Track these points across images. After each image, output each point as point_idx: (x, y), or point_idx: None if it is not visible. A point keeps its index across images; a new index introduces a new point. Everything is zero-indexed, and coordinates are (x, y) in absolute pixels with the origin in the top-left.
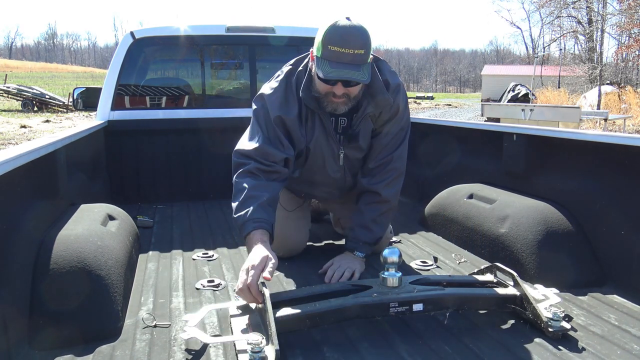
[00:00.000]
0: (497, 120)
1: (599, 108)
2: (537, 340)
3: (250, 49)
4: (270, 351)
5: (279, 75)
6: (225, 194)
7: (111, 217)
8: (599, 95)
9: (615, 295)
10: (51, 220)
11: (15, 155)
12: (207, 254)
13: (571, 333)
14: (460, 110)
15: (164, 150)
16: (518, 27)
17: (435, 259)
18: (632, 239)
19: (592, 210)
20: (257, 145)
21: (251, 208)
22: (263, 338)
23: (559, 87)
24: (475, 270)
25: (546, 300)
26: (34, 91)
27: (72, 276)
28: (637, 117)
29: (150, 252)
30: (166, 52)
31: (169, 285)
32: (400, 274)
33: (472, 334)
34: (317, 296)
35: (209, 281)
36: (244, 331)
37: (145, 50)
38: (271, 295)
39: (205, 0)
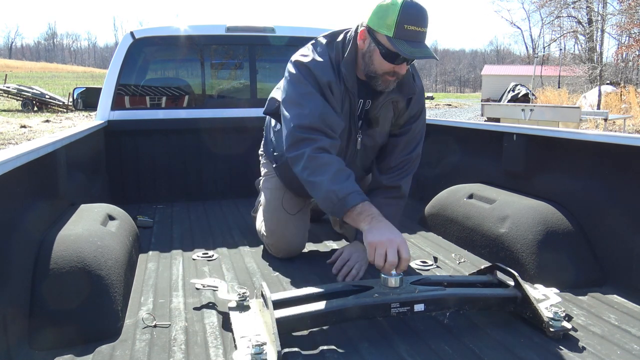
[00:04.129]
0: (497, 120)
1: (599, 108)
2: (537, 340)
3: (250, 49)
4: (271, 352)
5: (316, 45)
6: (225, 194)
7: (111, 217)
8: (599, 95)
9: (615, 295)
10: (51, 220)
11: (15, 155)
12: (207, 254)
13: (571, 333)
14: (460, 110)
15: (164, 150)
16: (518, 27)
17: (435, 259)
18: (632, 239)
19: (592, 210)
20: (319, 114)
21: (349, 181)
22: (264, 340)
23: (559, 87)
24: (476, 270)
25: (547, 300)
26: (34, 91)
27: (72, 276)
28: (637, 117)
29: (150, 252)
30: (166, 52)
31: (169, 285)
32: (402, 274)
33: (472, 334)
34: (318, 296)
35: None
36: (245, 329)
37: (145, 50)
38: (272, 295)
39: (205, 0)
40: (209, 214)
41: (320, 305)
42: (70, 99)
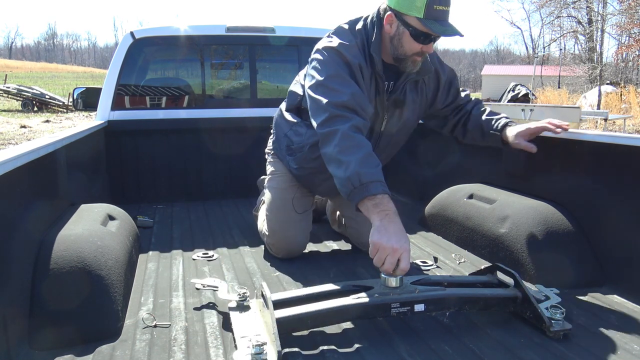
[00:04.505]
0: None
1: (599, 108)
2: (537, 340)
3: (250, 49)
4: (271, 352)
5: (339, 33)
6: (225, 194)
7: (111, 217)
8: (599, 95)
9: (615, 295)
10: (51, 220)
11: (15, 155)
12: (207, 254)
13: (571, 333)
14: None
15: (164, 150)
16: (518, 27)
17: (435, 259)
18: (632, 239)
19: (592, 210)
20: (351, 94)
21: (377, 169)
22: (264, 340)
23: (559, 87)
24: (476, 270)
25: (547, 300)
26: (34, 91)
27: (72, 276)
28: (637, 117)
29: (150, 252)
30: (166, 52)
31: (169, 285)
32: (402, 276)
33: (472, 334)
34: (318, 296)
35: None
36: (245, 329)
37: (145, 50)
38: (272, 295)
39: (205, 0)
40: (209, 214)
41: (320, 305)
42: (70, 99)
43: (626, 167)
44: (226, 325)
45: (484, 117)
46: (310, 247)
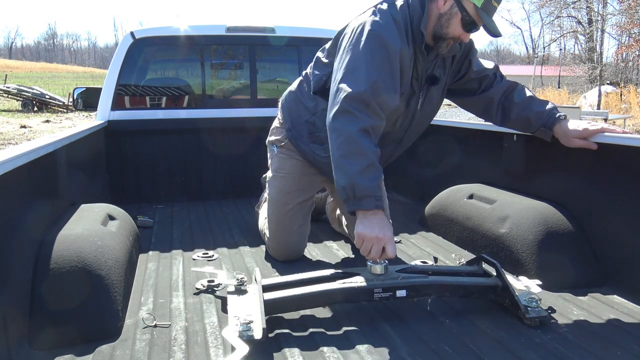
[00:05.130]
0: (500, 125)
1: (599, 108)
2: (537, 340)
3: (250, 49)
4: (257, 329)
5: (378, 12)
6: (225, 194)
7: (111, 217)
8: (599, 95)
9: (615, 295)
10: (51, 220)
11: (15, 155)
12: (207, 254)
13: (571, 333)
14: (460, 110)
15: (164, 150)
16: (518, 27)
17: (435, 259)
18: (632, 239)
19: (592, 210)
20: (372, 86)
21: (376, 181)
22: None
23: (559, 87)
24: (464, 261)
25: (528, 290)
26: (34, 91)
27: (72, 276)
28: (637, 117)
29: (150, 252)
30: (166, 52)
31: (169, 285)
32: (386, 262)
33: (472, 334)
34: (307, 281)
35: (209, 281)
36: (237, 310)
37: (145, 50)
38: (263, 280)
39: (205, 0)
40: (209, 214)
41: (306, 289)
42: (71, 99)
43: (626, 167)
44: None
45: (532, 107)
46: (310, 247)
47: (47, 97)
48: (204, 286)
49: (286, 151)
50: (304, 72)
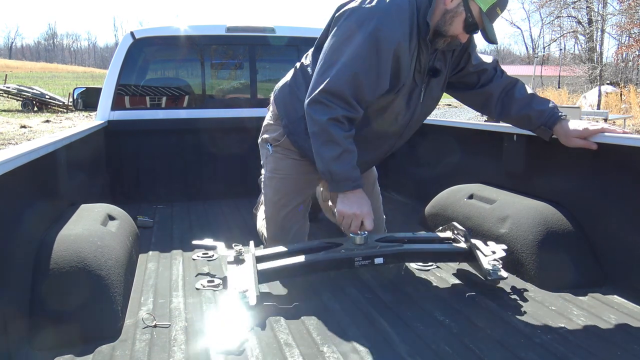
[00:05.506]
0: (497, 120)
1: (599, 108)
2: (537, 340)
3: (250, 49)
4: (252, 296)
5: (386, 4)
6: (226, 194)
7: (111, 217)
8: (599, 95)
9: (615, 295)
10: (51, 220)
11: (15, 155)
12: (207, 254)
13: (571, 333)
14: (460, 110)
15: (164, 150)
16: (518, 27)
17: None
18: (632, 239)
19: (592, 210)
20: (349, 80)
21: (350, 165)
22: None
23: (559, 87)
24: (440, 228)
25: (493, 255)
26: (34, 91)
27: (72, 276)
28: (637, 117)
29: (150, 252)
30: (166, 52)
31: (169, 285)
32: (366, 233)
33: (472, 334)
34: (296, 252)
35: (208, 281)
36: (235, 278)
37: (145, 50)
38: (256, 251)
39: (205, 0)
40: (209, 214)
41: (295, 259)
42: (70, 99)
43: (626, 167)
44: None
45: (533, 105)
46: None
47: (47, 97)
48: (204, 286)
49: (282, 150)
50: (298, 64)
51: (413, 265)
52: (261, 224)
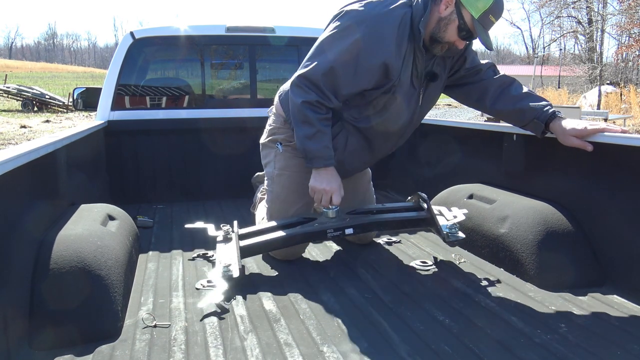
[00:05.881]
0: (497, 120)
1: (599, 108)
2: (537, 340)
3: (250, 49)
4: (235, 269)
5: (390, 4)
6: (226, 194)
7: (111, 217)
8: (599, 95)
9: (615, 295)
10: (51, 220)
11: (15, 155)
12: (206, 254)
13: (571, 333)
14: (460, 110)
15: (164, 150)
16: (518, 27)
17: (435, 259)
18: (632, 239)
19: (592, 210)
20: (326, 71)
21: (323, 144)
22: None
23: (559, 87)
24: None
25: (454, 219)
26: (34, 91)
27: (72, 276)
28: (637, 117)
29: (150, 252)
30: (166, 52)
31: (169, 285)
32: (337, 207)
33: (472, 334)
34: (276, 228)
35: (208, 281)
36: (222, 254)
37: (145, 50)
38: (239, 230)
39: (205, 0)
40: (209, 214)
41: (273, 235)
42: (70, 99)
43: (626, 167)
44: (225, 326)
45: (527, 100)
46: (310, 246)
47: (47, 97)
48: (204, 286)
49: (292, 150)
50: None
51: (413, 265)
52: (261, 216)
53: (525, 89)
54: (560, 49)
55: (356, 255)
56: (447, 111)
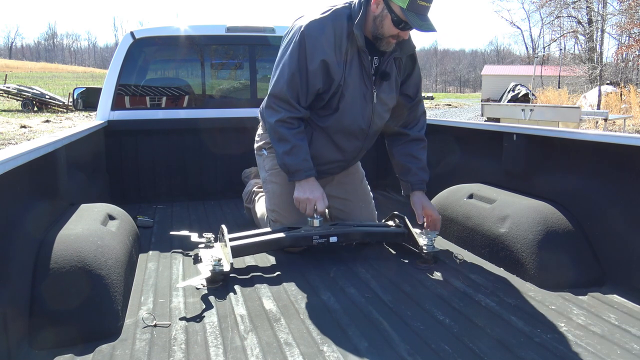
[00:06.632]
0: (497, 120)
1: (599, 108)
2: (537, 340)
3: (250, 49)
4: (226, 264)
5: (327, 11)
6: (225, 193)
7: (111, 217)
8: (599, 95)
9: (615, 295)
10: (51, 220)
11: (15, 155)
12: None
13: (571, 333)
14: (460, 110)
15: (164, 150)
16: (518, 27)
17: (436, 259)
18: (632, 239)
19: (592, 210)
20: (287, 84)
21: (301, 157)
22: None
23: (559, 87)
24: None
25: (430, 235)
26: (34, 91)
27: (72, 276)
28: (637, 117)
29: (150, 252)
30: (166, 52)
31: (169, 285)
32: (321, 218)
33: (472, 334)
34: (263, 233)
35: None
36: (209, 254)
37: (145, 50)
38: (230, 234)
39: (205, 0)
40: (209, 214)
41: (262, 237)
42: (70, 99)
43: (626, 167)
44: (225, 324)
45: (415, 164)
46: (310, 246)
47: (47, 97)
48: (204, 286)
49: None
50: None
51: (413, 265)
52: (262, 212)
53: (423, 156)
54: (560, 49)
55: (356, 255)
56: (447, 111)
